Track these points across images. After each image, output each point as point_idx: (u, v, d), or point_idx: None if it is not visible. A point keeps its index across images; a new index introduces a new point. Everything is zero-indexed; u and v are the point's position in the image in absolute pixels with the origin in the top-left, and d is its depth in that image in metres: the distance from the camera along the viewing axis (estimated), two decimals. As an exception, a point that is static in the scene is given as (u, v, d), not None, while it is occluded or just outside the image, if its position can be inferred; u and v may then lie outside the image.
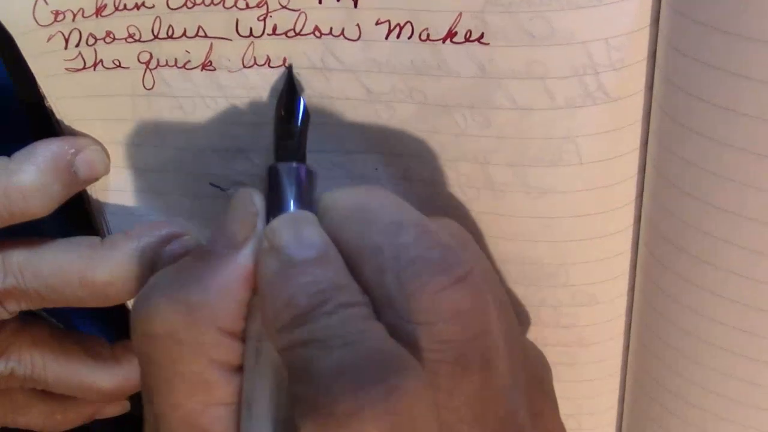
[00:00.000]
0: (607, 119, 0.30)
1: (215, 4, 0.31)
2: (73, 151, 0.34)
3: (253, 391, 0.27)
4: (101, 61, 0.34)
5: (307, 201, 0.29)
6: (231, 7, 0.31)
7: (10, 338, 0.37)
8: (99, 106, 0.35)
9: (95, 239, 0.35)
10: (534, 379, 0.30)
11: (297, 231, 0.27)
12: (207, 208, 0.36)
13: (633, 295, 0.35)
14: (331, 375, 0.24)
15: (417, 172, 0.33)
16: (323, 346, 0.24)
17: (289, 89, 0.31)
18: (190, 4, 0.32)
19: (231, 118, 0.34)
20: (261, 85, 0.33)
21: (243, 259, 0.27)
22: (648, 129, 0.31)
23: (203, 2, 0.32)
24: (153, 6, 0.32)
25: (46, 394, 0.40)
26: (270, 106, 0.33)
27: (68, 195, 0.34)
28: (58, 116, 0.35)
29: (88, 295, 0.34)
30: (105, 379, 0.38)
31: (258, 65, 0.32)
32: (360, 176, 0.34)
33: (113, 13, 0.33)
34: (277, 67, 0.32)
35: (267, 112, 0.33)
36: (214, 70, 0.33)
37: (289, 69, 0.31)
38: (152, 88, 0.34)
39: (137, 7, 0.32)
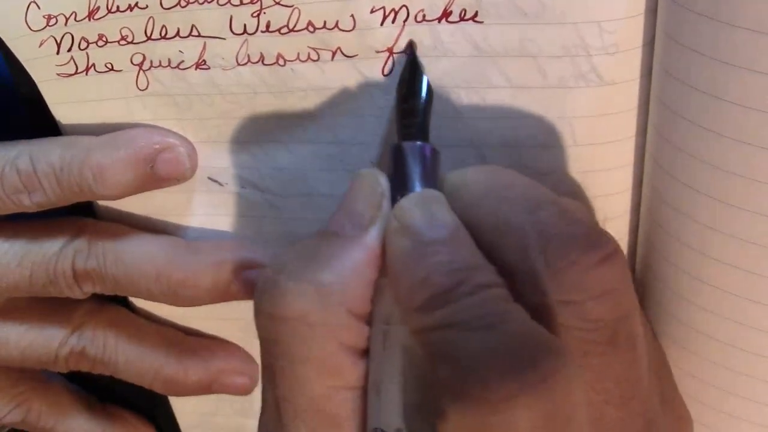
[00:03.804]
0: (601, 103, 0.31)
1: (209, 2, 0.32)
2: (157, 146, 0.34)
3: (381, 375, 0.26)
4: (93, 65, 0.34)
5: (432, 180, 0.28)
6: (225, 3, 0.32)
7: (84, 317, 0.38)
8: (93, 110, 0.35)
9: (180, 240, 0.36)
10: (661, 364, 0.30)
11: (427, 210, 0.27)
12: (205, 203, 0.36)
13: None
14: (481, 358, 0.23)
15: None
16: (467, 328, 0.24)
17: (411, 68, 0.31)
18: (183, 3, 0.32)
19: (227, 113, 0.34)
20: (256, 82, 0.33)
21: (371, 241, 0.27)
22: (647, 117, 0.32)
23: (197, 0, 0.32)
24: (146, 6, 0.32)
25: (91, 409, 0.41)
26: (263, 104, 0.33)
27: (143, 188, 0.35)
28: (56, 117, 0.35)
29: (160, 291, 0.35)
30: (176, 370, 0.38)
31: (252, 62, 0.33)
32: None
33: (106, 15, 0.33)
34: (271, 64, 0.33)
35: (263, 107, 0.33)
36: (209, 68, 0.33)
37: (411, 47, 0.31)
38: (146, 88, 0.34)
39: (130, 8, 0.33)
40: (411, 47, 0.31)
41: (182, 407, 0.42)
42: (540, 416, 0.23)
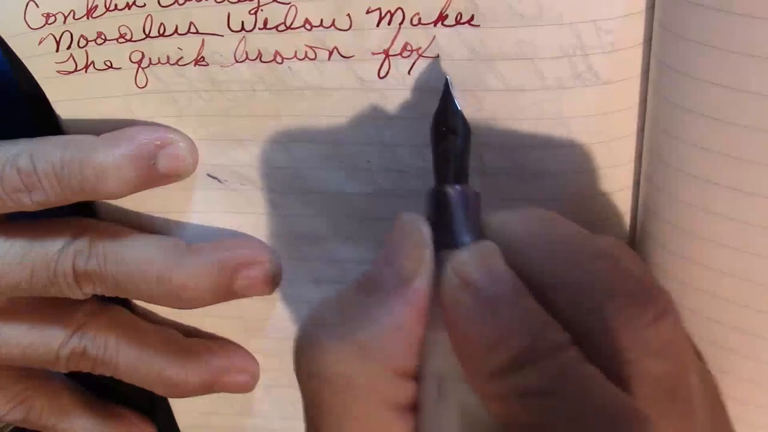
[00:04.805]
0: (599, 102, 0.30)
1: (206, -1, 0.32)
2: (158, 143, 0.34)
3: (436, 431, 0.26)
4: (92, 62, 0.34)
5: (475, 225, 0.27)
6: (222, 1, 0.32)
7: (86, 318, 0.38)
8: (93, 107, 0.35)
9: (181, 242, 0.36)
10: (714, 400, 0.29)
11: (487, 265, 0.26)
12: (205, 199, 0.36)
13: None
14: (569, 429, 0.22)
15: (409, 163, 0.33)
16: (549, 395, 0.23)
17: (447, 105, 0.29)
18: (181, 1, 0.32)
19: (226, 110, 0.34)
20: (254, 79, 0.33)
21: (414, 295, 0.26)
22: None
23: (194, -2, 0.32)
24: (144, 5, 0.32)
25: (92, 406, 0.41)
26: (261, 100, 0.33)
27: (146, 186, 0.35)
28: (58, 112, 0.35)
29: (161, 293, 0.35)
30: (177, 372, 0.38)
31: (250, 59, 0.33)
32: (352, 167, 0.34)
33: (104, 13, 0.33)
34: (269, 62, 0.32)
35: (262, 105, 0.33)
36: (207, 65, 0.33)
37: (446, 84, 0.29)
38: (145, 86, 0.34)
39: (128, 6, 0.33)
40: (446, 84, 0.29)
41: (181, 406, 0.42)
42: None
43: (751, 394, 0.32)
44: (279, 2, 0.31)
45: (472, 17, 0.30)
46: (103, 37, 0.33)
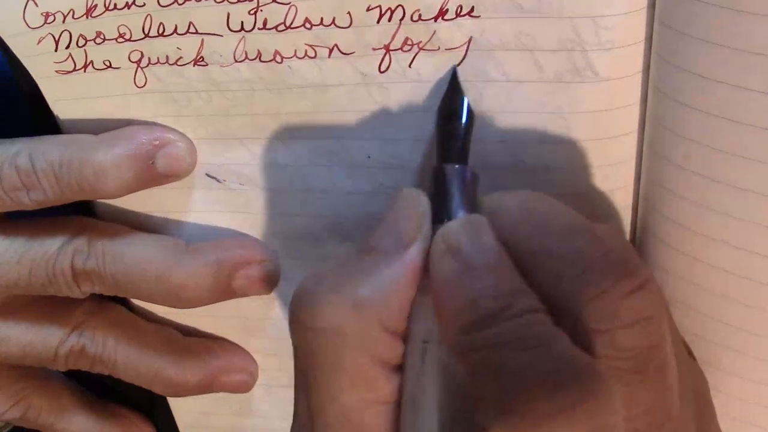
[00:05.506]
0: (599, 99, 0.31)
1: (206, -1, 0.32)
2: (157, 143, 0.34)
3: (418, 390, 0.27)
4: (91, 62, 0.34)
5: (471, 203, 0.29)
6: (222, 1, 0.32)
7: (84, 316, 0.38)
8: (91, 107, 0.35)
9: (180, 241, 0.36)
10: (699, 393, 0.30)
11: (474, 234, 0.27)
12: (203, 199, 0.36)
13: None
14: (526, 377, 0.23)
15: (410, 158, 0.33)
16: (513, 348, 0.24)
17: (452, 90, 0.31)
18: (181, 0, 0.32)
19: (225, 110, 0.34)
20: (253, 79, 0.33)
21: (411, 259, 0.27)
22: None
23: (194, -3, 0.32)
24: (144, 4, 0.32)
25: (91, 406, 0.41)
26: (262, 99, 0.33)
27: (144, 185, 0.35)
28: (56, 113, 0.35)
29: (160, 292, 0.35)
30: (176, 371, 0.38)
31: (249, 59, 0.33)
32: (352, 164, 0.34)
33: (103, 13, 0.33)
34: (268, 61, 0.32)
35: (261, 104, 0.33)
36: (206, 65, 0.33)
37: (453, 70, 0.31)
38: (144, 85, 0.34)
39: (128, 6, 0.33)
40: (453, 70, 0.31)
41: (180, 406, 0.42)
42: None
43: (750, 392, 0.32)
44: (279, 2, 0.31)
45: (472, 9, 0.30)
46: (102, 36, 0.33)
